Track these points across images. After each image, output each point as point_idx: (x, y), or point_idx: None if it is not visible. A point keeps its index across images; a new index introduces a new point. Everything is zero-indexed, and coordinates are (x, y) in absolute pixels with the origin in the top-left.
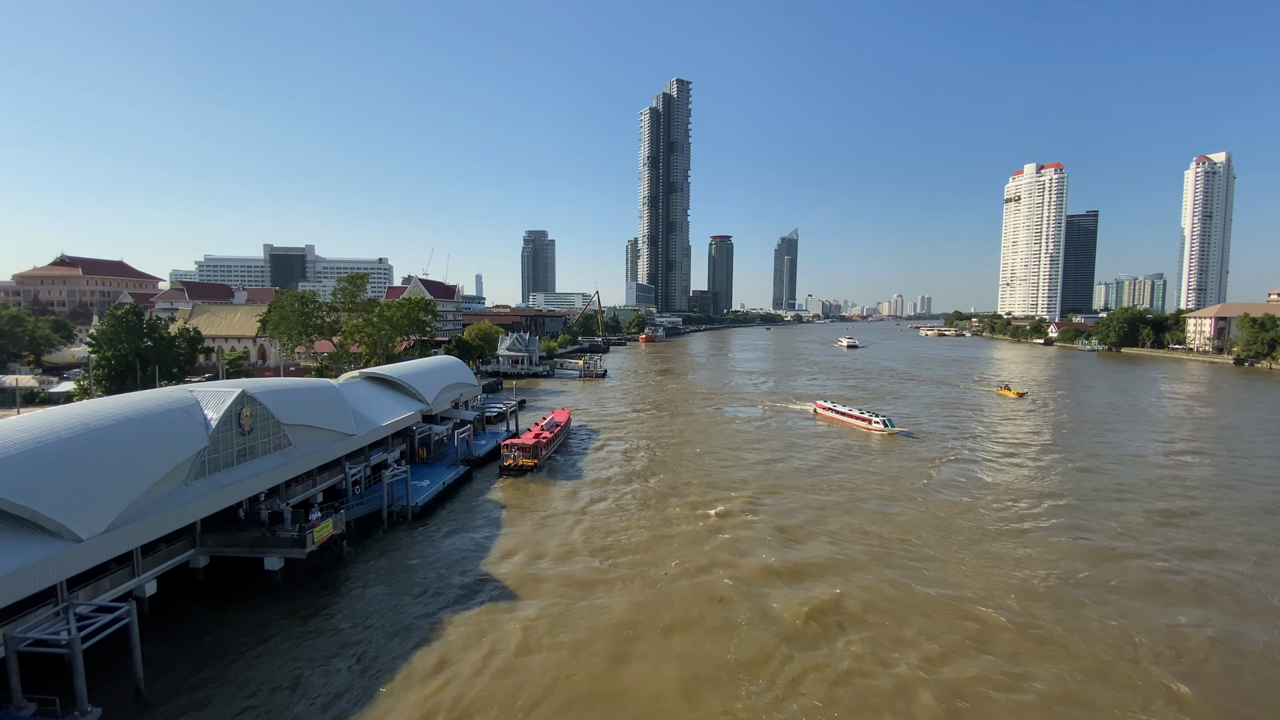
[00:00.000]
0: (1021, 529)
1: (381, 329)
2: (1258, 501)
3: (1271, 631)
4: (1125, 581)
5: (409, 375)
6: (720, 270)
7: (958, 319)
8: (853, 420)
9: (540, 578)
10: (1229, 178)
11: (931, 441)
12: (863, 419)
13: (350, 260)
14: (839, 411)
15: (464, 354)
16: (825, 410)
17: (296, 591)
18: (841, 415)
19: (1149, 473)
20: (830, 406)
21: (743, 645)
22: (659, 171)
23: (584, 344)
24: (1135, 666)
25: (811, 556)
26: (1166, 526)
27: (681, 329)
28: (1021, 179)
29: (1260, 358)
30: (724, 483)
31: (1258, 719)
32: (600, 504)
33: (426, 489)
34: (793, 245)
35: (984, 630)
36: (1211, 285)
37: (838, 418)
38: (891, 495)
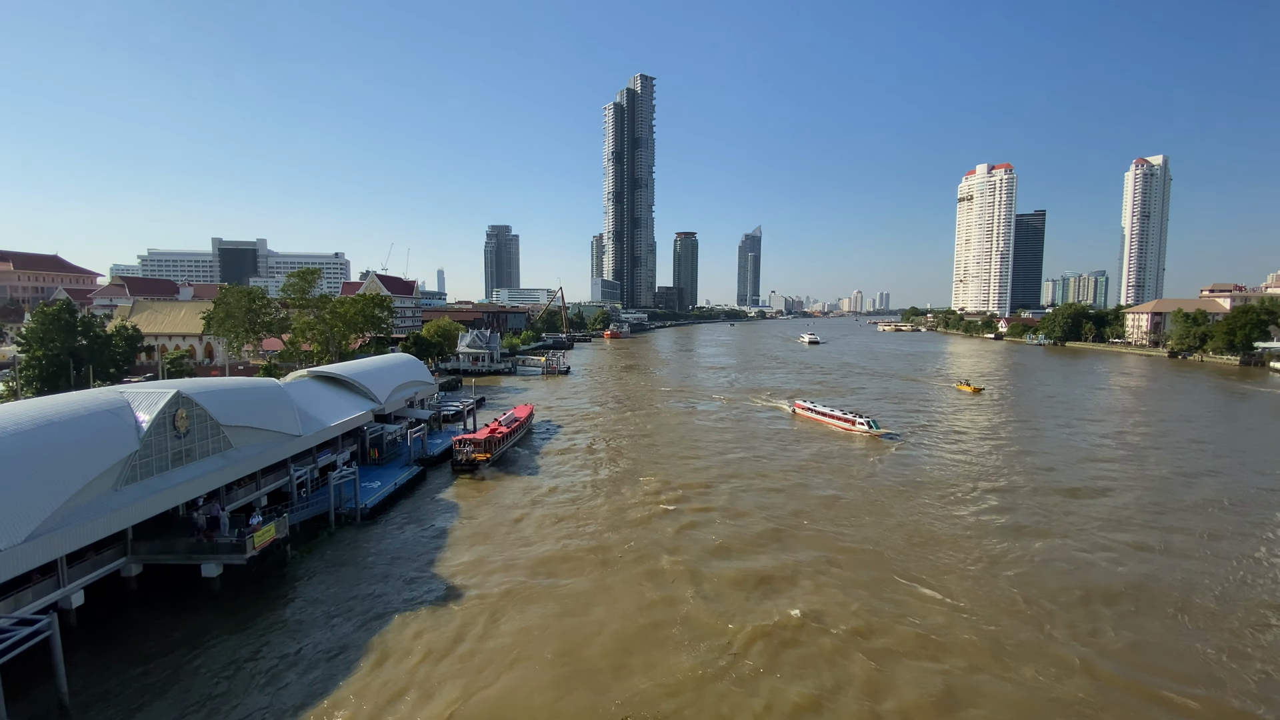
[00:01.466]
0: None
1: (334, 326)
2: (1177, 484)
3: (1178, 596)
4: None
5: (360, 374)
6: (685, 267)
7: (914, 314)
8: (834, 421)
9: (488, 574)
10: (1165, 179)
11: (913, 442)
12: (845, 420)
13: (305, 255)
14: (819, 412)
15: (422, 351)
16: (805, 411)
17: (236, 598)
18: (822, 416)
19: (1118, 469)
20: (810, 406)
21: (691, 637)
22: (623, 167)
23: (548, 341)
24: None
25: (767, 557)
26: (1128, 520)
27: (647, 325)
28: (974, 179)
29: (1192, 351)
30: (683, 477)
31: (1151, 679)
32: (554, 496)
33: (377, 490)
34: (756, 242)
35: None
36: (1149, 282)
37: (818, 418)
38: (876, 504)
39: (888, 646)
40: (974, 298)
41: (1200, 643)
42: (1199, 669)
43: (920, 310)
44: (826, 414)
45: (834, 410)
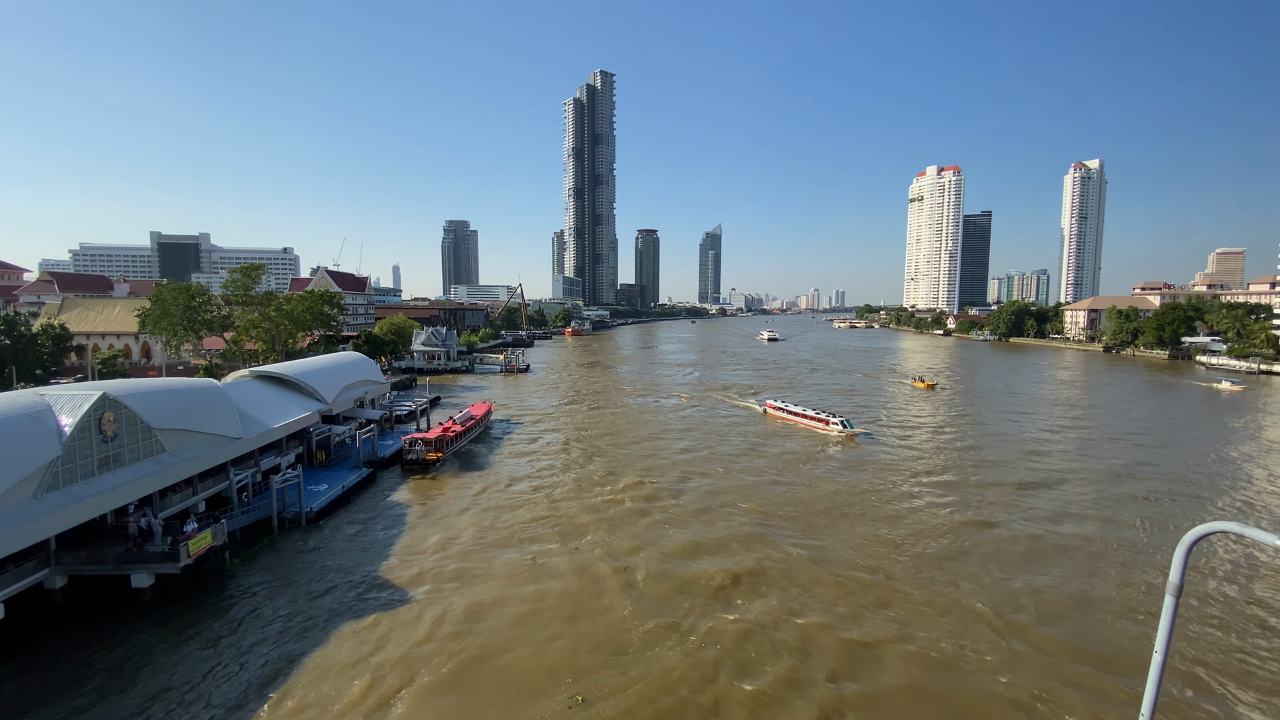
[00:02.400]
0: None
1: (280, 324)
2: (1108, 471)
3: (1109, 582)
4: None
5: (305, 373)
6: (647, 264)
7: (868, 311)
8: (807, 420)
9: (437, 576)
10: (1101, 182)
11: (887, 441)
12: (818, 419)
13: (251, 250)
14: (791, 411)
15: (374, 350)
16: (776, 410)
17: (169, 609)
18: (794, 415)
19: (1079, 461)
20: (781, 406)
21: (647, 643)
22: (584, 163)
23: (507, 338)
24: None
25: (733, 558)
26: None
27: (609, 322)
28: (924, 180)
29: (1124, 345)
30: (647, 478)
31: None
32: (509, 495)
33: (323, 493)
34: (717, 240)
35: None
36: (1087, 280)
37: (790, 418)
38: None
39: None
40: (925, 295)
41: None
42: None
43: (874, 308)
44: (799, 413)
45: (806, 410)
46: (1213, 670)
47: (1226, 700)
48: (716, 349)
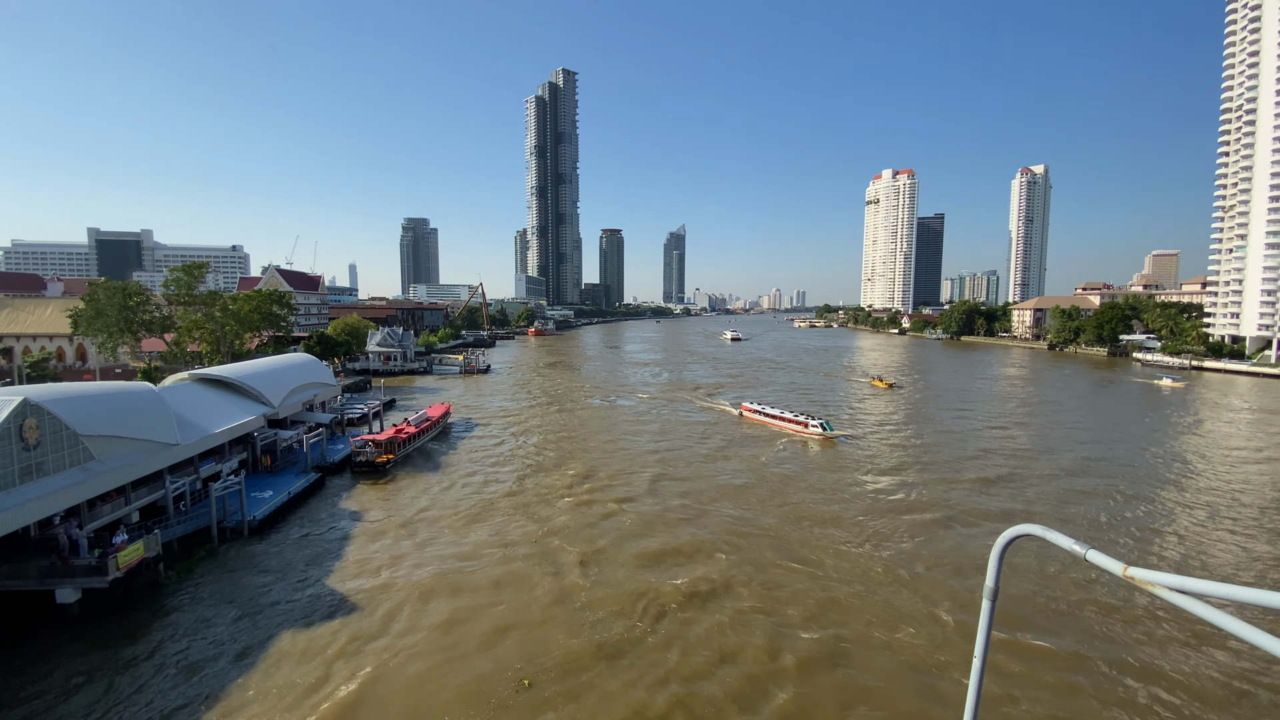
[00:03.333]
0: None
1: (226, 325)
2: (1048, 461)
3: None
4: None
5: (250, 376)
6: (611, 264)
7: (827, 311)
8: (784, 423)
9: (385, 584)
10: (1046, 186)
11: (867, 444)
12: (797, 422)
13: (197, 248)
14: (768, 414)
15: (327, 351)
16: (752, 413)
17: (98, 625)
18: (771, 418)
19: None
20: (757, 408)
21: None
22: (547, 162)
23: (468, 338)
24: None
25: (695, 567)
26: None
27: (573, 322)
28: (880, 183)
29: (1067, 343)
30: (611, 486)
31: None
32: (464, 498)
33: (268, 500)
34: (681, 240)
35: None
36: (1033, 280)
37: (766, 420)
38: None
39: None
40: (881, 295)
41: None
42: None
43: (833, 307)
44: (776, 415)
45: (784, 412)
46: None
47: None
48: (681, 349)
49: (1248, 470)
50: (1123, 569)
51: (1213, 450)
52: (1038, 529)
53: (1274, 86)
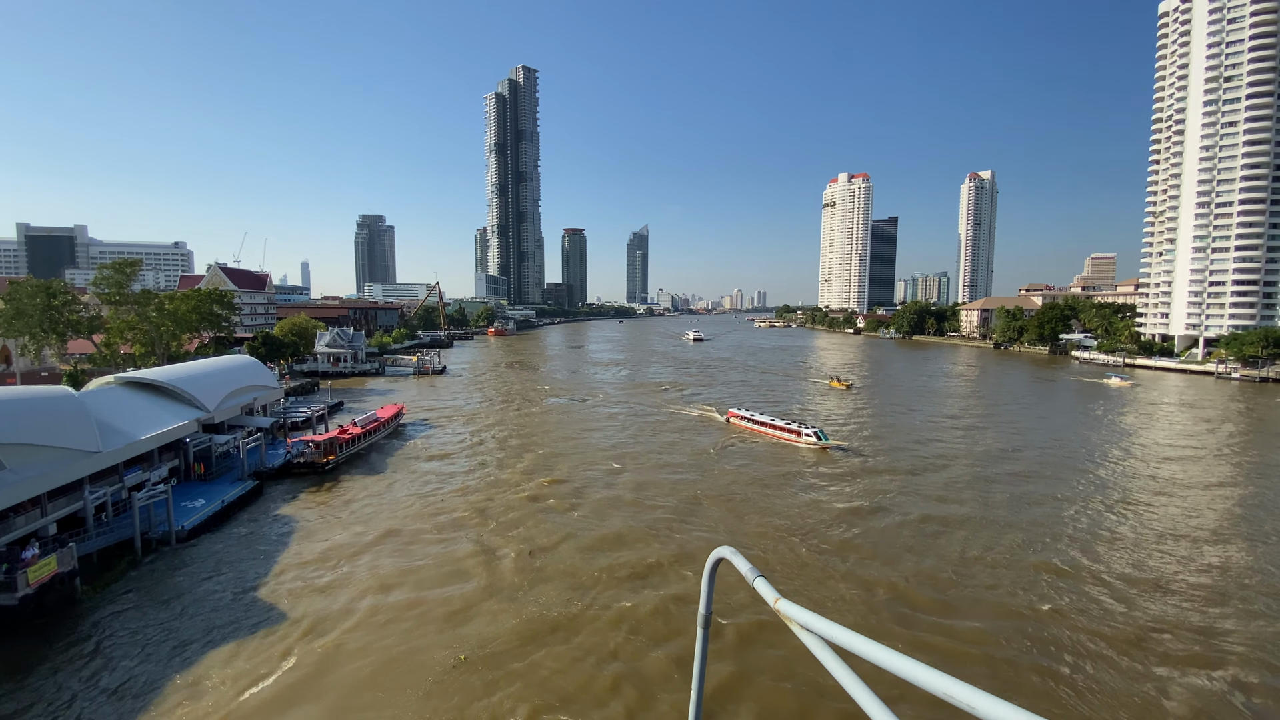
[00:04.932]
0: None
1: (161, 325)
2: (984, 455)
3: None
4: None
5: (182, 378)
6: (574, 263)
7: (786, 311)
8: (775, 431)
9: (320, 595)
10: (993, 191)
11: (868, 454)
12: (789, 430)
13: (136, 244)
14: (757, 421)
15: (272, 352)
16: (739, 419)
17: (7, 645)
18: (760, 426)
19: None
20: (746, 414)
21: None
22: (507, 160)
23: (424, 339)
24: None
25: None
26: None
27: (535, 322)
28: (836, 187)
29: (1011, 342)
30: (556, 473)
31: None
32: (408, 503)
33: (200, 509)
34: (644, 240)
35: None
36: (981, 282)
37: (755, 428)
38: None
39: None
40: (837, 295)
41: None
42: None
43: (792, 308)
44: (766, 423)
45: (775, 420)
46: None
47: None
48: (644, 349)
49: (1180, 466)
50: (774, 600)
51: (1167, 449)
52: (727, 551)
53: (1201, 99)
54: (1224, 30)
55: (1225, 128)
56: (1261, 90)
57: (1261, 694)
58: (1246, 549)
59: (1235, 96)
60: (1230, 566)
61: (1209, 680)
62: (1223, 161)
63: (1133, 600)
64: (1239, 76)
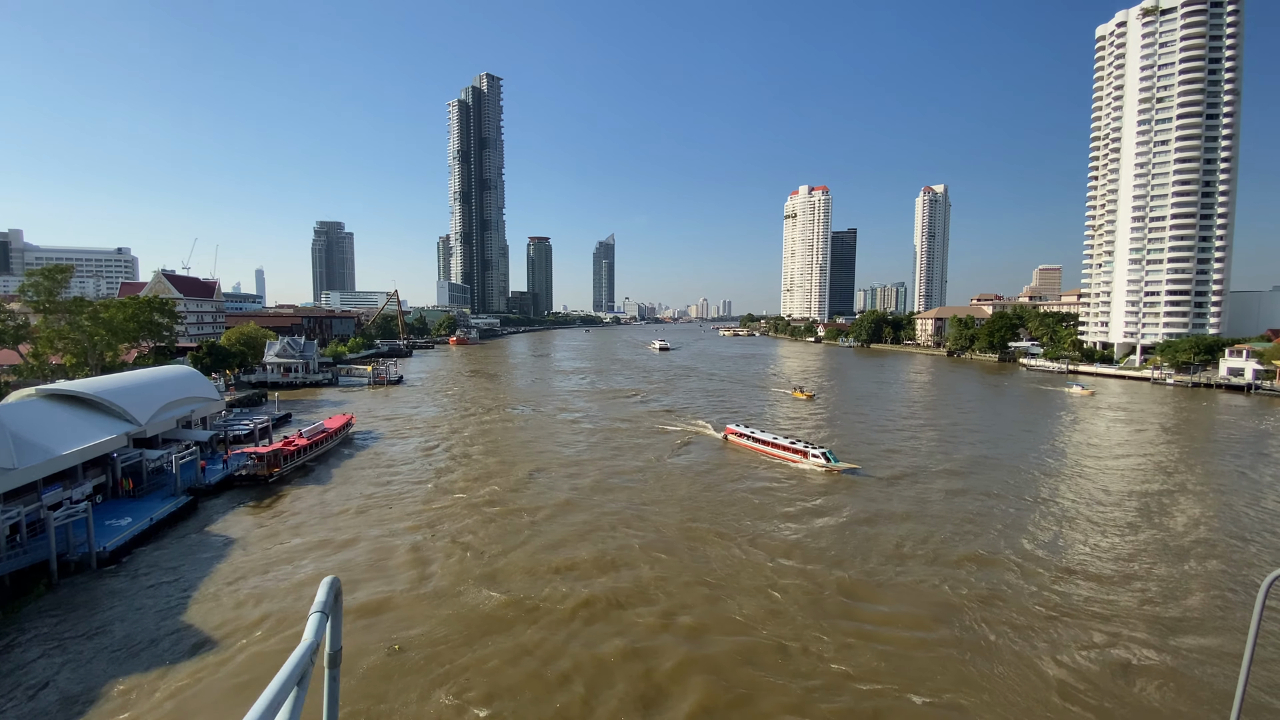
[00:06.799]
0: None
1: (96, 334)
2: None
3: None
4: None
5: (111, 390)
6: (539, 272)
7: (750, 320)
8: (778, 451)
9: (251, 613)
10: (946, 204)
11: (879, 477)
12: (794, 450)
13: (76, 250)
14: (758, 439)
15: (219, 362)
16: (739, 438)
17: None
18: (761, 444)
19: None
20: (746, 432)
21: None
22: (470, 167)
23: (382, 348)
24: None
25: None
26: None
27: (499, 331)
28: (797, 199)
29: (964, 350)
30: (515, 485)
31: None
32: (351, 518)
33: (125, 528)
34: (610, 250)
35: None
36: (935, 292)
37: (756, 447)
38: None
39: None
40: (799, 305)
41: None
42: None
43: (756, 316)
44: (769, 442)
45: (777, 438)
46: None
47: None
48: (610, 358)
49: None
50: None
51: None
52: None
53: (1136, 118)
54: (1156, 53)
55: (1158, 146)
56: (1191, 111)
57: (1143, 670)
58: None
59: (1167, 116)
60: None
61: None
62: (1156, 178)
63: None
64: (1170, 98)
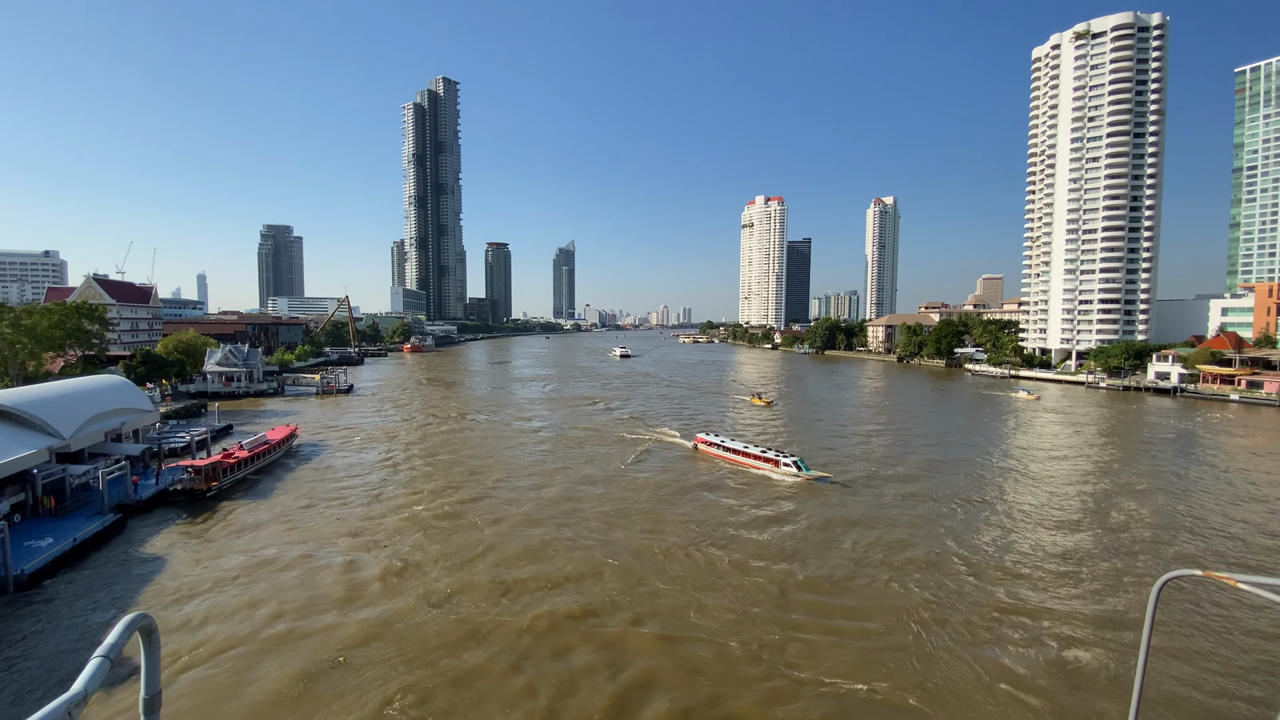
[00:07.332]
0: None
1: (16, 342)
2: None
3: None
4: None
5: (30, 402)
6: (498, 278)
7: (709, 327)
8: (749, 460)
9: (181, 641)
10: (895, 216)
11: (856, 485)
12: (765, 459)
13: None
14: (729, 448)
15: (154, 371)
16: (709, 447)
17: None
18: (733, 454)
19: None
20: (716, 441)
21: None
22: (426, 171)
23: (332, 356)
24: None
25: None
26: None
27: (456, 337)
28: (754, 208)
29: (913, 356)
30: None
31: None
32: (294, 534)
33: (46, 549)
34: (570, 256)
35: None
36: (886, 300)
37: (727, 456)
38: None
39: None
40: (757, 312)
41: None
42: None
43: (715, 324)
44: (740, 451)
45: (748, 447)
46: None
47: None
48: (570, 365)
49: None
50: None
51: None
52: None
53: (1069, 136)
54: (1087, 75)
55: (1090, 162)
56: (1119, 129)
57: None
58: (1101, 534)
59: (1097, 135)
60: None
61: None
62: (1088, 192)
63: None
64: (1100, 117)
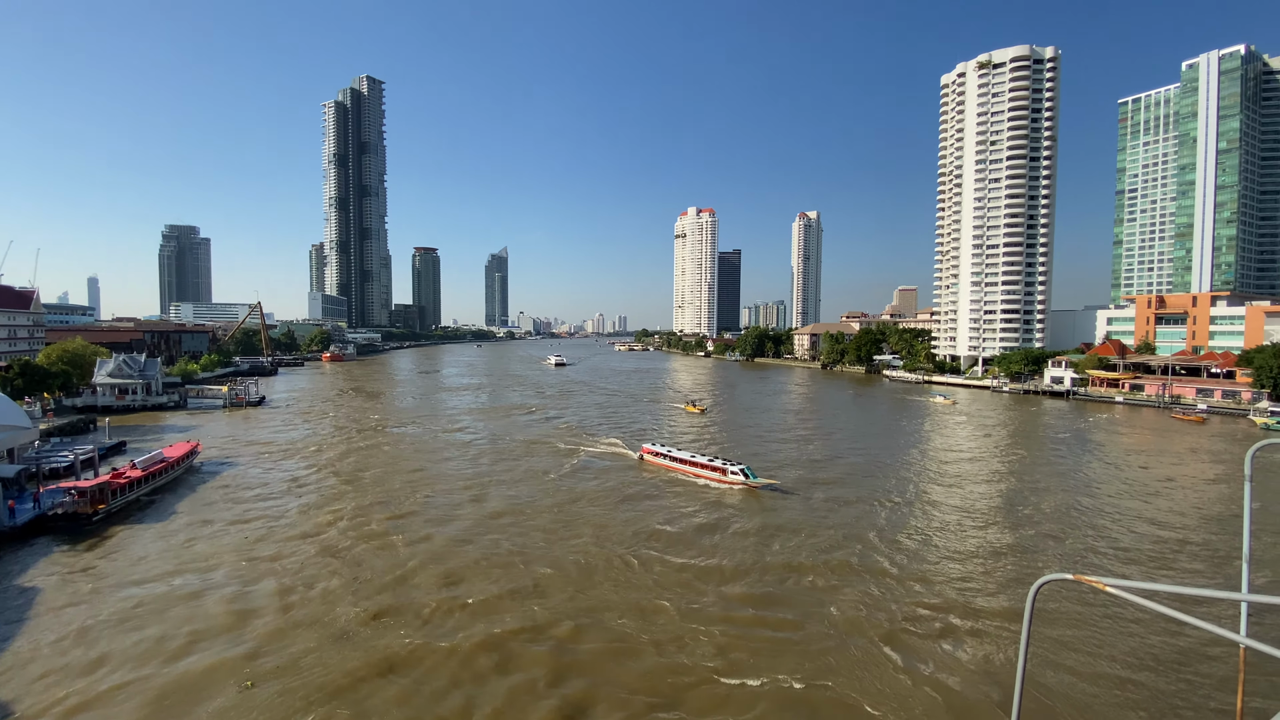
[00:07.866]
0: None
1: None
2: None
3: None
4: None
5: None
6: (427, 284)
7: (645, 335)
8: (695, 470)
9: (58, 684)
10: (819, 229)
11: (801, 491)
12: (712, 468)
13: None
14: (675, 458)
15: (35, 384)
16: (655, 457)
17: None
18: (679, 463)
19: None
20: (662, 451)
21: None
22: (349, 172)
23: (242, 365)
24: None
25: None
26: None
27: (380, 346)
28: (686, 219)
29: (836, 363)
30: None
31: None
32: (187, 559)
33: None
34: (503, 263)
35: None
36: (811, 309)
37: (675, 466)
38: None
39: None
40: (690, 321)
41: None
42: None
43: (650, 332)
44: (686, 460)
45: (695, 456)
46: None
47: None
48: (503, 373)
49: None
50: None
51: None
52: None
53: (973, 157)
54: (989, 102)
55: (992, 183)
56: (1017, 152)
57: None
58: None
59: (999, 157)
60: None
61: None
62: (990, 210)
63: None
64: (1001, 141)
